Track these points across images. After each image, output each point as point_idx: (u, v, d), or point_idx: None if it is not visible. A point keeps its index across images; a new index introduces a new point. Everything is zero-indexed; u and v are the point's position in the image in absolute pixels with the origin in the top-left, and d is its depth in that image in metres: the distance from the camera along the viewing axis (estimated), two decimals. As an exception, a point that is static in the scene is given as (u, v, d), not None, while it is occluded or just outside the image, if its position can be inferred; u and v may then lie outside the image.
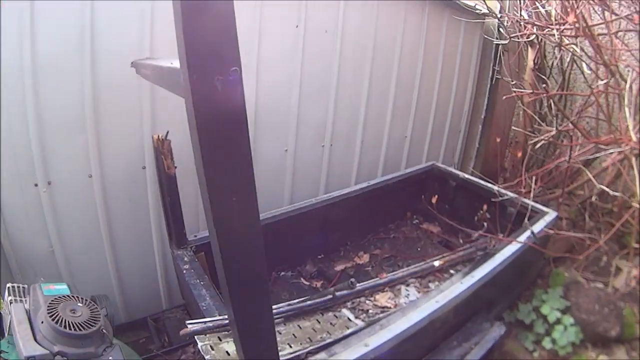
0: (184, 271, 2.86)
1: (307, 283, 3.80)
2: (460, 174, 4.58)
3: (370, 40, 4.19)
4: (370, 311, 2.88)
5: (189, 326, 2.38)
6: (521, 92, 4.17)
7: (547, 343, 3.53)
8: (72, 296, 2.29)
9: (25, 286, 2.44)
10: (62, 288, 2.47)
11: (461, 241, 4.19)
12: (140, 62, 2.45)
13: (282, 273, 3.84)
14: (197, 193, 3.39)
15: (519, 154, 4.83)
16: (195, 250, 3.07)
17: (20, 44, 2.52)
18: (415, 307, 2.63)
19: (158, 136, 2.79)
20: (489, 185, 4.21)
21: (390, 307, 2.95)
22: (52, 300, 2.18)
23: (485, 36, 5.26)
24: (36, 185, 2.82)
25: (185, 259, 2.95)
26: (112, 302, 2.72)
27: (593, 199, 4.37)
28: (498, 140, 5.24)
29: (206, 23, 1.07)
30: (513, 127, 5.24)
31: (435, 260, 3.39)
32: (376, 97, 4.48)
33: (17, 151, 2.70)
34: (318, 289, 3.71)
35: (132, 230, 3.32)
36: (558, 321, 3.56)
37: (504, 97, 4.95)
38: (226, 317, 2.36)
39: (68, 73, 2.72)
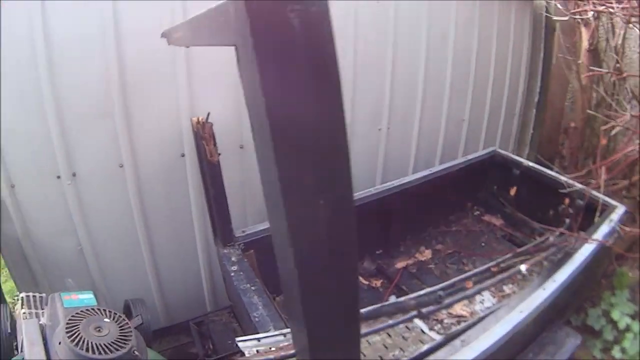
0: (232, 274, 2.50)
1: (367, 282, 3.42)
2: (524, 161, 4.07)
3: (424, 20, 3.75)
4: (445, 321, 2.44)
5: (240, 344, 1.99)
6: (599, 71, 3.73)
7: (616, 352, 3.18)
8: (98, 309, 1.89)
9: (43, 295, 2.08)
10: (86, 298, 2.08)
11: (535, 237, 3.70)
12: (172, 28, 2.07)
13: (337, 271, 3.43)
14: (243, 182, 3.04)
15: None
16: (243, 248, 2.70)
17: (31, 24, 2.20)
18: (497, 319, 2.25)
19: (198, 119, 2.41)
20: (556, 175, 3.75)
21: (465, 316, 2.50)
22: (72, 316, 1.78)
23: (546, 14, 4.80)
24: (59, 177, 2.51)
25: (233, 258, 2.58)
26: (149, 306, 2.37)
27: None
28: (573, 125, 4.80)
29: None
30: (589, 111, 4.76)
31: (521, 264, 2.94)
32: (433, 78, 4.02)
33: (34, 140, 2.40)
34: (378, 289, 3.37)
35: (172, 225, 2.97)
36: (628, 328, 3.21)
37: (583, 77, 4.47)
38: (284, 332, 2.03)
39: (89, 54, 2.39)
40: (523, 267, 2.86)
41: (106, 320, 1.79)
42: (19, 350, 1.96)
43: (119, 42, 2.41)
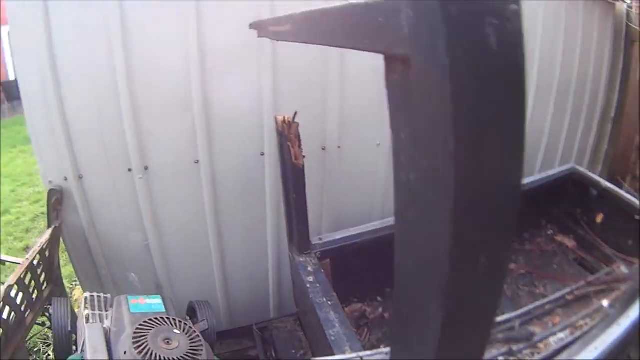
0: (308, 285, 2.32)
1: None
2: (602, 181, 3.79)
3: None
4: (515, 348, 2.26)
5: None
6: None
7: None
8: (167, 318, 1.75)
9: (108, 297, 1.98)
10: (154, 303, 1.97)
11: (606, 263, 3.47)
12: (268, 20, 1.90)
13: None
14: (322, 187, 2.90)
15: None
16: (319, 256, 2.53)
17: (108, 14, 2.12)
18: (571, 355, 2.13)
19: (284, 118, 2.24)
20: (633, 199, 3.47)
21: (540, 348, 2.32)
22: (140, 324, 1.66)
23: (628, 23, 4.52)
24: (130, 170, 2.43)
25: (309, 268, 2.42)
26: (214, 309, 2.27)
27: None
28: None
29: None
30: None
31: (603, 299, 2.73)
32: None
33: (105, 132, 2.32)
34: None
35: (244, 226, 2.83)
36: None
37: None
38: (361, 355, 1.86)
39: (169, 45, 2.29)
40: (605, 303, 2.64)
41: (176, 331, 1.67)
42: (78, 348, 1.87)
43: (200, 32, 2.29)
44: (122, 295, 1.94)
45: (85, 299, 1.92)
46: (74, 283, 4.12)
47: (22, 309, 2.20)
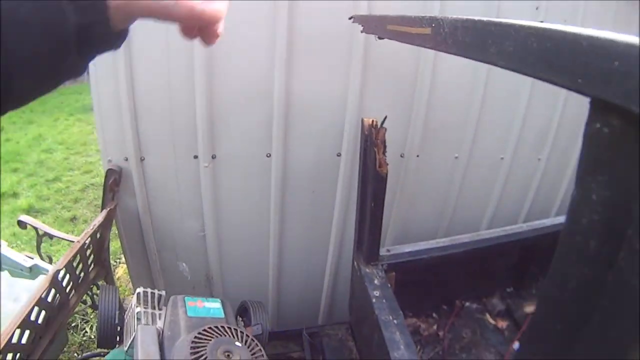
0: (374, 299, 2.17)
1: (493, 322, 3.09)
2: None
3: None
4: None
5: None
6: None
7: None
8: (229, 328, 1.63)
9: (162, 294, 1.85)
10: (213, 308, 1.82)
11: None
12: (381, 16, 1.74)
13: (467, 304, 3.16)
14: (394, 195, 2.75)
15: None
16: (386, 269, 2.39)
17: None
18: None
19: (372, 121, 2.07)
20: None
21: None
22: (200, 332, 1.53)
23: None
24: (196, 157, 2.31)
25: (376, 281, 2.26)
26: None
27: None
28: None
29: None
30: None
31: None
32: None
33: (175, 113, 2.21)
34: (503, 332, 3.02)
35: (308, 228, 2.70)
36: None
37: None
38: None
39: (254, 26, 2.14)
40: None
41: (237, 344, 1.54)
42: (124, 341, 1.77)
43: (291, 17, 2.13)
44: (178, 296, 1.81)
45: (138, 294, 1.79)
46: (117, 260, 4.10)
47: (67, 290, 2.15)
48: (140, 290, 1.81)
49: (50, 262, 2.89)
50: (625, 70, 0.45)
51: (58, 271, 1.95)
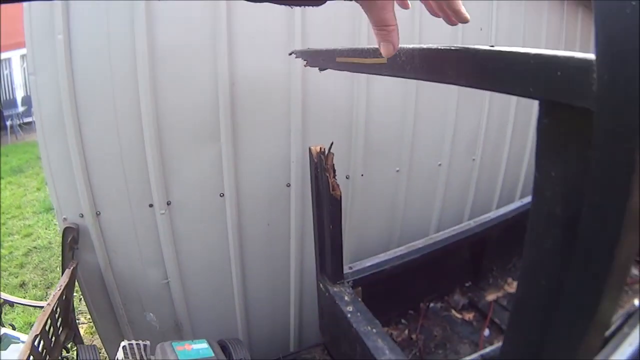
0: (349, 315, 2.26)
1: (459, 316, 3.29)
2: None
3: (520, 38, 3.54)
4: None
5: None
6: None
7: None
8: None
9: (147, 344, 1.88)
10: (202, 348, 1.89)
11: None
12: (326, 50, 1.87)
13: (431, 305, 3.32)
14: (345, 216, 2.82)
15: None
16: (352, 285, 2.51)
17: (133, 32, 2.03)
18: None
19: (320, 149, 2.19)
20: None
21: None
22: None
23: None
24: (151, 205, 2.33)
25: (346, 298, 2.36)
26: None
27: None
28: None
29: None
30: None
31: (635, 301, 2.77)
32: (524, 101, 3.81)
33: (126, 166, 2.23)
34: (471, 323, 3.23)
35: (268, 258, 2.77)
36: None
37: None
38: None
39: (197, 70, 2.21)
40: (636, 302, 2.70)
41: None
42: None
43: (231, 59, 2.23)
44: (165, 343, 1.87)
45: (124, 347, 1.81)
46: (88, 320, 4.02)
47: (43, 356, 2.11)
48: (124, 343, 1.83)
49: (14, 329, 2.81)
50: (566, 77, 0.60)
51: (36, 336, 1.93)
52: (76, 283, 2.43)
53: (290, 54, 1.91)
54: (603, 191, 0.60)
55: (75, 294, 2.51)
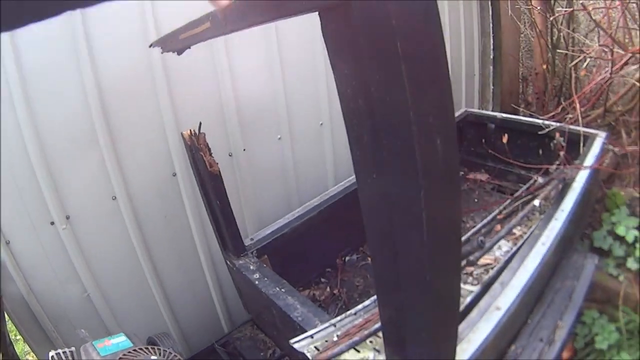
0: (256, 282, 2.46)
1: None
2: (498, 114, 4.28)
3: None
4: (475, 272, 2.55)
5: (295, 345, 1.97)
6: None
7: (631, 264, 3.35)
8: (140, 348, 1.89)
9: (72, 350, 2.03)
10: (121, 341, 2.05)
11: (522, 183, 3.89)
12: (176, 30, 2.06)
13: (347, 258, 3.54)
14: (237, 190, 3.07)
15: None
16: (257, 254, 2.71)
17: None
18: (523, 256, 2.34)
19: (190, 131, 2.39)
20: (532, 119, 3.96)
21: (490, 263, 2.61)
22: (120, 358, 1.79)
23: None
24: (52, 223, 2.44)
25: (252, 267, 2.56)
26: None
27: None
28: (544, 66, 5.15)
29: None
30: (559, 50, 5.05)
31: (535, 200, 3.08)
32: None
33: (22, 190, 2.33)
34: None
35: (175, 249, 2.93)
36: (637, 240, 3.40)
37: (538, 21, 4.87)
38: (333, 322, 2.07)
39: (64, 81, 2.34)
40: (537, 202, 3.00)
41: (154, 357, 1.80)
42: None
43: (93, 63, 2.37)
44: (87, 343, 2.01)
45: (52, 357, 1.95)
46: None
47: None
48: (52, 353, 1.97)
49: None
50: None
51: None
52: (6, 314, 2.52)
53: (150, 47, 2.08)
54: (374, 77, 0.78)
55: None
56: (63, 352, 2.00)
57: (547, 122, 3.59)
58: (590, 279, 2.82)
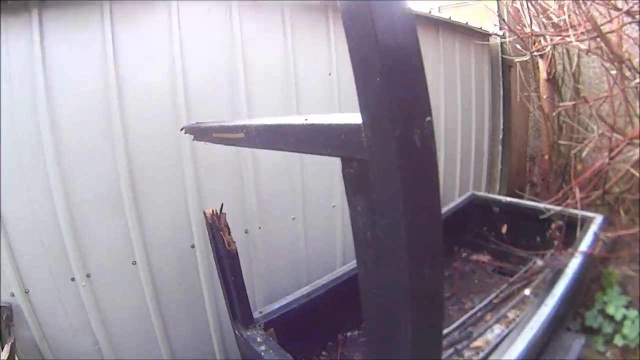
0: (262, 353, 2.61)
1: None
2: (502, 198, 4.55)
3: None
4: (466, 354, 2.79)
5: None
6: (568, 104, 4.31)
7: (618, 340, 3.55)
8: None
9: None
10: None
11: (522, 265, 4.08)
12: (207, 126, 2.33)
13: (349, 334, 3.66)
14: (250, 264, 3.29)
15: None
16: (264, 327, 2.87)
17: (36, 120, 2.41)
18: (512, 340, 2.54)
19: (212, 211, 2.62)
20: (534, 204, 4.20)
21: (482, 346, 2.88)
22: None
23: (502, 55, 5.41)
24: (73, 279, 2.64)
25: (259, 339, 2.72)
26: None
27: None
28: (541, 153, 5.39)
29: (399, 69, 0.97)
30: (560, 141, 5.31)
31: (526, 290, 3.30)
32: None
33: (46, 244, 2.54)
34: None
35: (187, 315, 3.12)
36: (625, 317, 3.61)
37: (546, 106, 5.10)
38: None
39: (96, 147, 2.61)
40: (527, 291, 3.21)
41: None
42: None
43: (125, 135, 2.65)
44: None
45: None
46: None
47: None
48: None
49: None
50: (347, 138, 1.09)
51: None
52: (16, 357, 2.66)
53: (181, 130, 2.33)
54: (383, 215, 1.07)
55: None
56: None
57: (548, 207, 3.84)
58: (576, 357, 3.01)
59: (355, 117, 1.07)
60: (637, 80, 3.73)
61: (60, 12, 2.41)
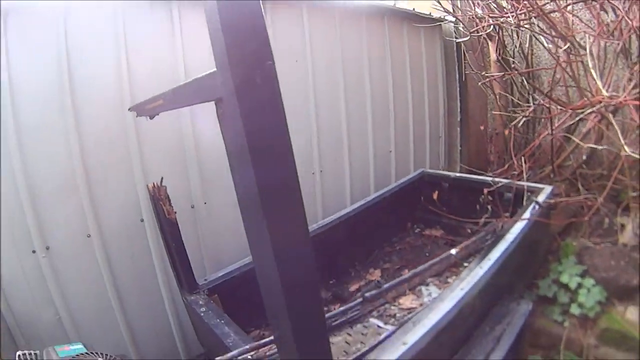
0: (202, 314, 2.90)
1: (325, 309, 3.76)
2: (452, 174, 4.83)
3: (339, 63, 4.52)
4: (398, 315, 3.01)
5: None
6: (492, 75, 4.55)
7: (575, 309, 3.60)
8: (91, 352, 2.34)
9: (37, 352, 2.46)
10: (77, 347, 2.51)
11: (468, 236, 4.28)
12: (147, 100, 2.51)
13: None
14: (198, 237, 3.61)
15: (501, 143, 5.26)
16: (208, 293, 3.16)
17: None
18: (442, 299, 2.67)
19: (154, 184, 2.93)
20: (481, 177, 4.51)
21: (416, 307, 3.06)
22: (73, 357, 2.25)
23: (448, 38, 5.72)
24: (34, 251, 2.89)
25: (201, 302, 3.02)
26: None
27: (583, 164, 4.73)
28: (496, 131, 5.60)
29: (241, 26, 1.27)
30: (494, 112, 5.53)
31: (452, 250, 3.55)
32: (355, 118, 4.79)
33: (10, 219, 2.80)
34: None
35: (139, 285, 3.40)
36: (580, 286, 3.66)
37: (479, 83, 5.34)
38: (253, 346, 2.49)
39: (53, 133, 2.91)
40: (453, 251, 3.46)
41: (100, 359, 2.25)
42: None
43: (77, 120, 2.96)
44: (49, 347, 2.44)
45: (19, 355, 2.37)
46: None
47: None
48: (19, 352, 2.40)
49: None
50: (212, 84, 1.56)
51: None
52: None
53: (129, 110, 2.63)
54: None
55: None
56: (29, 353, 2.43)
57: (496, 180, 4.03)
58: (521, 324, 3.13)
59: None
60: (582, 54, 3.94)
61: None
